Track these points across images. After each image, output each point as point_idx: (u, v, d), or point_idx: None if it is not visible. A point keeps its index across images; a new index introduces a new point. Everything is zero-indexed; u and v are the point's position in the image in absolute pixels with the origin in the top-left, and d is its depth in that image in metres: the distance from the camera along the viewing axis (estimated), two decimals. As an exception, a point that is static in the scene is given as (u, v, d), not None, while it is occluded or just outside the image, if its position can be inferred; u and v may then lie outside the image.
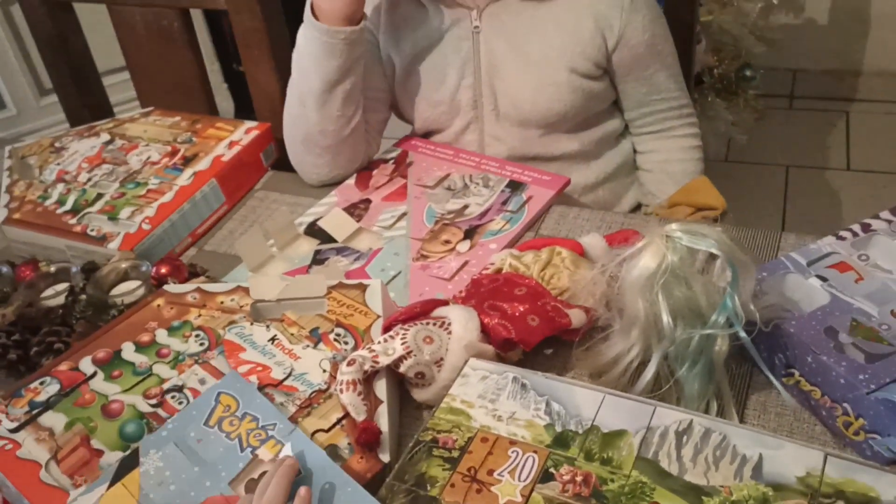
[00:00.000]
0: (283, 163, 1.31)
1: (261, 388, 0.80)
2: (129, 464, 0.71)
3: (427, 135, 1.29)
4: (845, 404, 0.72)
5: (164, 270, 0.99)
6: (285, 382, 0.81)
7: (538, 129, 1.21)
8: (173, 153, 1.23)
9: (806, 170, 2.51)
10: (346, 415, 0.76)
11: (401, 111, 1.30)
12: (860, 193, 2.38)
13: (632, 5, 1.16)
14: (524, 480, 0.66)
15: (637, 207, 1.35)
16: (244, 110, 1.89)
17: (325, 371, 0.81)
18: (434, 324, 0.82)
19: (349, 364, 0.77)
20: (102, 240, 1.09)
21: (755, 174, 2.51)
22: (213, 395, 0.76)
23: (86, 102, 1.58)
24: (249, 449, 0.71)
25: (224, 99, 2.90)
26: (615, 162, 1.30)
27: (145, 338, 0.87)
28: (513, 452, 0.69)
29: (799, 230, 1.01)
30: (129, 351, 0.86)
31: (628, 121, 1.30)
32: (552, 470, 0.66)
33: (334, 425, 0.76)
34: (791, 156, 2.56)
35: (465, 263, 1.01)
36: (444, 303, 0.86)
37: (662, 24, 1.22)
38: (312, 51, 1.12)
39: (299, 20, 1.13)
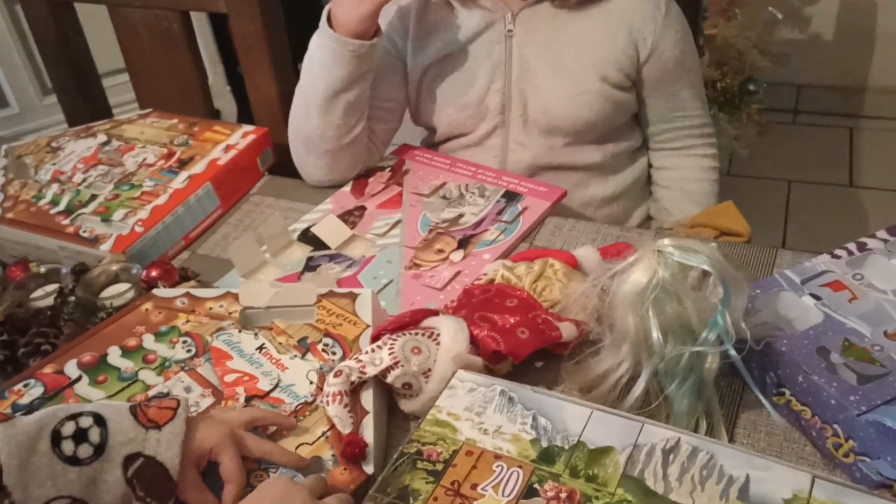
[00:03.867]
0: (279, 167, 1.30)
1: (247, 399, 0.79)
2: None
3: (448, 140, 1.28)
4: (836, 425, 0.71)
5: (154, 274, 0.98)
6: (272, 394, 0.80)
7: (565, 137, 1.21)
8: (169, 155, 1.23)
9: (808, 185, 2.50)
10: (331, 427, 0.75)
11: (423, 116, 1.29)
12: (862, 210, 2.37)
13: (665, 20, 1.17)
14: (508, 496, 0.65)
15: (644, 223, 1.35)
16: (247, 114, 1.89)
17: (311, 383, 0.80)
18: (423, 334, 0.81)
19: (336, 375, 0.77)
20: (95, 241, 1.08)
21: (757, 188, 2.50)
22: None
23: (85, 103, 1.58)
24: (248, 489, 0.70)
25: (227, 102, 2.90)
26: (631, 177, 1.30)
27: (132, 342, 0.86)
28: (497, 467, 0.68)
29: (800, 245, 1.01)
30: (115, 355, 0.85)
31: (649, 135, 1.30)
32: (536, 486, 0.65)
33: (318, 439, 0.75)
34: (794, 171, 2.55)
35: (458, 273, 1.00)
36: (434, 313, 0.85)
37: (691, 43, 1.23)
38: (322, 57, 1.12)
39: (298, 25, 1.13)
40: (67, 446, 0.65)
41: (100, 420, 0.67)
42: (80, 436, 0.66)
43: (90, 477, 0.65)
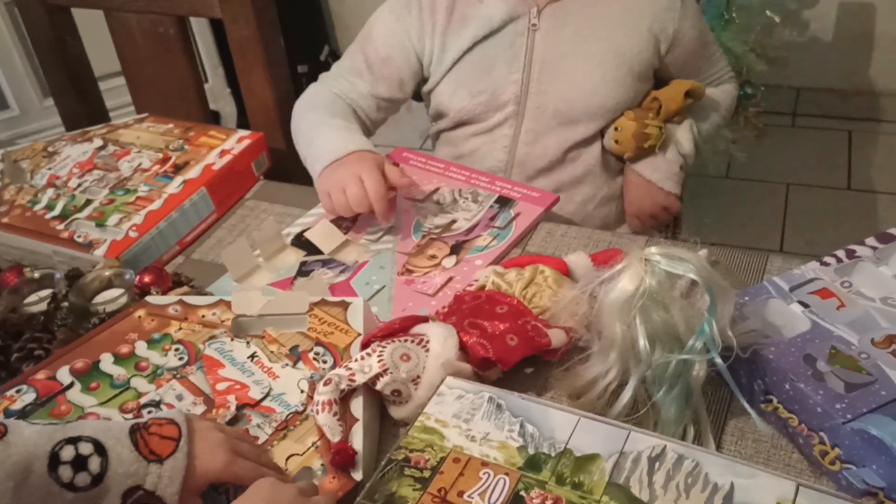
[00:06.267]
0: (274, 172, 1.31)
1: (238, 407, 0.80)
2: None
3: (458, 126, 1.31)
4: (822, 433, 0.71)
5: (147, 279, 0.98)
6: (263, 403, 0.80)
7: (585, 127, 1.25)
8: (164, 160, 1.23)
9: (806, 188, 2.50)
10: (322, 436, 0.75)
11: (435, 101, 1.32)
12: (860, 213, 2.37)
13: (682, 9, 1.23)
14: (494, 503, 0.65)
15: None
16: (247, 115, 1.90)
17: (302, 392, 0.81)
18: (412, 341, 0.81)
19: (325, 384, 0.77)
20: (89, 246, 1.09)
21: (756, 191, 2.50)
22: None
23: (82, 106, 1.58)
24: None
25: (228, 104, 2.91)
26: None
27: (125, 349, 0.87)
28: (484, 474, 0.68)
29: (798, 249, 1.01)
30: (107, 362, 0.85)
31: None
32: (523, 493, 0.66)
33: (308, 449, 0.75)
34: (792, 174, 2.55)
35: (450, 279, 1.00)
36: (424, 319, 0.85)
37: (701, 16, 1.31)
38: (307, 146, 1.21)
39: (295, 28, 1.13)
40: (65, 472, 0.64)
41: (100, 448, 0.66)
42: (79, 463, 0.65)
43: (88, 500, 0.65)
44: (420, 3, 1.25)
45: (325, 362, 0.84)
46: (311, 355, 0.84)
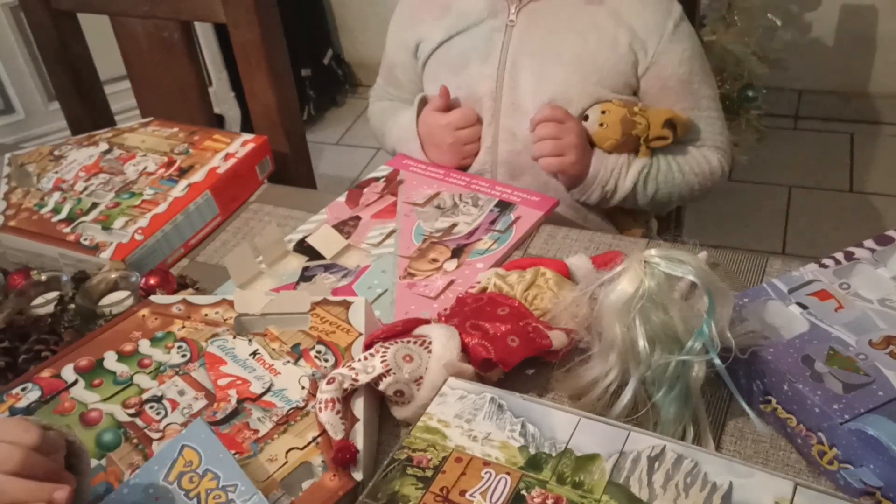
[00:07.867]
0: (278, 175, 1.32)
1: (239, 401, 0.81)
2: None
3: None
4: (820, 433, 0.72)
5: (152, 282, 0.99)
6: (264, 398, 0.81)
7: None
8: (169, 164, 1.24)
9: (808, 191, 2.51)
10: (322, 433, 0.76)
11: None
12: (862, 216, 2.38)
13: (673, 35, 1.16)
14: (496, 502, 0.66)
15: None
16: (251, 119, 1.91)
17: (303, 388, 0.82)
18: (415, 342, 0.82)
19: (329, 382, 0.78)
20: (95, 249, 1.10)
21: (758, 194, 2.51)
22: (177, 447, 0.73)
23: (87, 110, 1.60)
24: None
25: (231, 108, 2.92)
26: None
27: (128, 347, 0.88)
28: (486, 473, 0.69)
29: (799, 251, 1.01)
30: (111, 360, 0.86)
31: None
32: (524, 492, 0.67)
33: (309, 444, 0.76)
34: (794, 176, 2.55)
35: (452, 282, 1.01)
36: (426, 321, 0.86)
37: (703, 65, 1.20)
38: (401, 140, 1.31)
39: (299, 32, 1.15)
40: None
41: None
42: None
43: None
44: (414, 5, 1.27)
45: (326, 361, 0.84)
46: (312, 353, 0.85)
